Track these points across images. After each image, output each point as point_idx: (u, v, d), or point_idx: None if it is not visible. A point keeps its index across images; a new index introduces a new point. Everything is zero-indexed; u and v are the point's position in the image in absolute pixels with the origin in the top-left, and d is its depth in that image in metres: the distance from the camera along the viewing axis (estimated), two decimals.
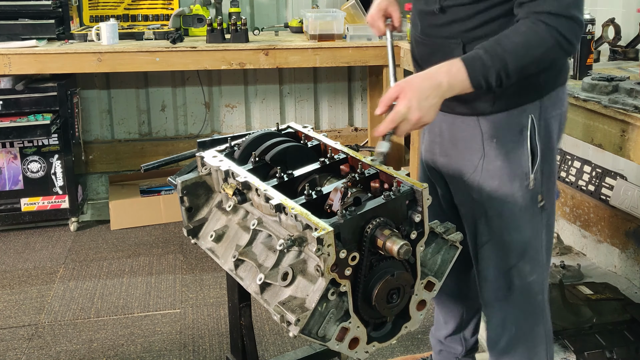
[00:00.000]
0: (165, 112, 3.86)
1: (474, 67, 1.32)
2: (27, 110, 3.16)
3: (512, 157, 1.50)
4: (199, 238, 1.55)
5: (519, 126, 1.49)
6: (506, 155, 1.51)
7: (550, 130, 1.52)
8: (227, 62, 3.12)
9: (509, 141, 1.50)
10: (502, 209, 1.54)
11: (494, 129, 1.50)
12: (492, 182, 1.53)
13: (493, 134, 1.51)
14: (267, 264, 1.32)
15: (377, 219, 1.24)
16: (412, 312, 1.35)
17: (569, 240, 3.13)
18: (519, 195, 1.52)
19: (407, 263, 1.31)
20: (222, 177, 1.50)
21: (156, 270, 3.00)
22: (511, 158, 1.51)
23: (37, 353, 2.36)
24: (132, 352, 2.36)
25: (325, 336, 1.23)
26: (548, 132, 1.52)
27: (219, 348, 2.38)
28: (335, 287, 1.21)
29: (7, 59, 2.95)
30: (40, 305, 2.69)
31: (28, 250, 3.21)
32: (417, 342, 2.39)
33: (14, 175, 3.31)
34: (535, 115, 1.49)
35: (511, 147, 1.50)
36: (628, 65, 2.41)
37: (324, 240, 1.15)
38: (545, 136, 1.51)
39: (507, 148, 1.50)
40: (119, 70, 3.12)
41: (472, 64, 1.32)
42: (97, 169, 3.78)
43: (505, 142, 1.50)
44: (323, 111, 4.06)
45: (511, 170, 1.51)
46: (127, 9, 3.57)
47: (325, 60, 3.21)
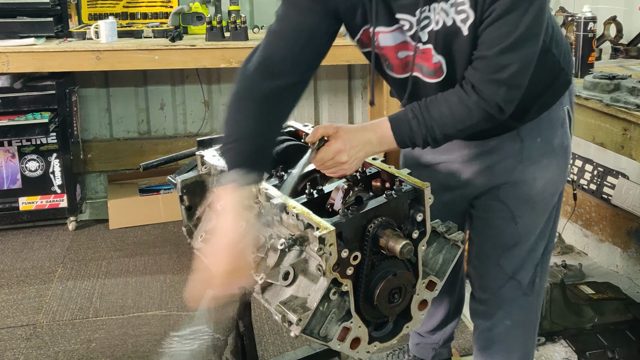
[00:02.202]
0: (165, 110, 3.85)
1: (400, 130, 1.32)
2: (25, 109, 3.14)
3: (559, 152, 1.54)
4: (193, 238, 1.54)
5: (560, 120, 1.53)
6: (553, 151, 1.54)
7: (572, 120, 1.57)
8: (226, 60, 3.10)
9: (553, 136, 1.53)
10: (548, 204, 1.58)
11: (537, 128, 1.51)
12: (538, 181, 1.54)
13: (536, 133, 1.52)
14: (268, 263, 1.30)
15: (379, 218, 1.23)
16: (413, 312, 1.34)
17: (570, 239, 3.12)
18: (561, 188, 1.59)
19: (409, 262, 1.30)
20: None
21: (155, 269, 2.98)
22: (558, 152, 1.54)
23: (36, 353, 2.34)
24: (131, 352, 2.35)
25: (326, 336, 1.23)
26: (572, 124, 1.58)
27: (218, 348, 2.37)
28: (337, 287, 1.20)
29: (5, 57, 2.94)
30: (39, 305, 2.67)
31: (26, 249, 3.19)
32: None
33: (12, 174, 3.30)
34: (569, 107, 1.55)
35: (557, 142, 1.53)
36: (630, 63, 2.40)
37: (326, 239, 1.15)
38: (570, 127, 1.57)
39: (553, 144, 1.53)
40: (117, 68, 3.10)
41: (398, 125, 1.32)
42: (96, 167, 3.77)
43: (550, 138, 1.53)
44: (323, 109, 4.05)
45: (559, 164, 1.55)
46: (125, 7, 3.55)
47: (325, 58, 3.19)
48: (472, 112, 1.29)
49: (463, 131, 1.33)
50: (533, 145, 1.52)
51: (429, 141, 1.32)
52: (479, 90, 1.28)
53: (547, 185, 1.56)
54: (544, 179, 1.55)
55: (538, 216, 1.60)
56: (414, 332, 2.05)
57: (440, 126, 1.30)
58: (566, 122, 1.54)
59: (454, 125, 1.31)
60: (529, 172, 1.54)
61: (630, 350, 2.18)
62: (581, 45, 2.14)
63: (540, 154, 1.53)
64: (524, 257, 1.63)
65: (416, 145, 1.33)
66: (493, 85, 1.27)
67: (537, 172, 1.54)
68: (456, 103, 1.30)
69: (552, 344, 2.30)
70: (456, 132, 1.32)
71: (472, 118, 1.30)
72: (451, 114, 1.30)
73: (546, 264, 1.69)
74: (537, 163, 1.53)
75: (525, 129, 1.51)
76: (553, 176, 1.56)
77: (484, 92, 1.28)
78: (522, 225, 1.59)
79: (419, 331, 2.03)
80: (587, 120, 1.95)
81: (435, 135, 1.31)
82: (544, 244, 1.65)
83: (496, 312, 1.71)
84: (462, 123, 1.30)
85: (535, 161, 1.53)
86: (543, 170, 1.54)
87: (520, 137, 1.52)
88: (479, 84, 1.28)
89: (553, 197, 1.59)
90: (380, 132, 1.33)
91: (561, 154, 1.55)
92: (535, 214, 1.59)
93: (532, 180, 1.54)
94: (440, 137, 1.32)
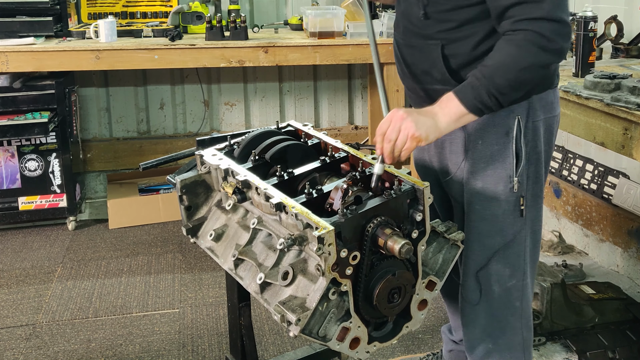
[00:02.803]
0: (164, 110, 3.85)
1: (465, 93, 1.34)
2: (24, 109, 3.14)
3: (497, 159, 1.48)
4: (199, 237, 1.54)
5: (505, 128, 1.47)
6: (491, 157, 1.49)
7: (538, 133, 1.50)
8: (226, 60, 3.10)
9: (494, 143, 1.48)
10: (485, 211, 1.52)
11: (480, 130, 1.48)
12: (475, 183, 1.51)
13: (478, 135, 1.48)
14: (267, 263, 1.30)
15: (378, 217, 1.23)
16: (413, 312, 1.34)
17: (571, 239, 3.12)
18: (502, 198, 1.50)
19: (408, 262, 1.30)
20: (221, 175, 1.48)
21: (155, 269, 2.98)
22: (496, 160, 1.48)
23: (35, 353, 2.34)
24: (131, 352, 2.34)
25: (325, 336, 1.22)
26: (535, 136, 1.49)
27: (218, 348, 2.37)
28: (336, 287, 1.20)
29: (5, 56, 2.93)
30: (38, 304, 2.67)
31: (26, 249, 3.19)
32: (418, 342, 2.37)
33: (12, 173, 3.29)
34: (523, 117, 1.46)
35: (496, 149, 1.48)
36: (630, 62, 2.39)
37: (325, 239, 1.14)
38: (532, 139, 1.48)
39: (492, 150, 1.48)
40: (117, 68, 3.10)
41: (462, 90, 1.35)
42: (96, 167, 3.77)
43: (491, 144, 1.48)
44: (323, 109, 4.05)
45: (495, 172, 1.49)
46: (125, 6, 3.55)
47: (325, 57, 3.19)
48: (524, 49, 1.30)
49: (526, 70, 1.32)
50: (475, 146, 1.49)
51: (495, 94, 1.32)
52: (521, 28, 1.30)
53: (484, 190, 1.50)
54: (481, 184, 1.50)
55: (478, 221, 1.53)
56: (448, 339, 2.01)
57: (500, 74, 1.31)
58: (513, 132, 1.46)
59: (513, 65, 1.31)
60: (469, 172, 1.51)
61: (630, 350, 2.17)
62: (582, 45, 2.14)
63: (479, 157, 1.49)
64: (465, 260, 1.58)
65: (485, 103, 1.33)
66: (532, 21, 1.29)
67: (476, 174, 1.50)
68: (505, 46, 1.32)
69: (552, 344, 2.29)
70: (518, 73, 1.32)
71: (528, 54, 1.30)
72: (507, 57, 1.31)
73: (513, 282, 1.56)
74: (476, 165, 1.50)
75: (470, 125, 1.47)
76: (490, 185, 1.49)
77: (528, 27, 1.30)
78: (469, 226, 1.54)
79: (453, 338, 1.99)
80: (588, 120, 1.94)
81: (499, 86, 1.31)
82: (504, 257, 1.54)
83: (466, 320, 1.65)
84: (521, 61, 1.31)
85: (475, 163, 1.50)
86: (480, 174, 1.50)
87: (466, 132, 1.49)
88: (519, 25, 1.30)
89: (492, 206, 1.51)
90: (443, 103, 1.35)
91: (500, 163, 1.48)
92: (475, 217, 1.53)
93: (472, 181, 1.51)
94: (504, 86, 1.32)
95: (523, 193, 1.50)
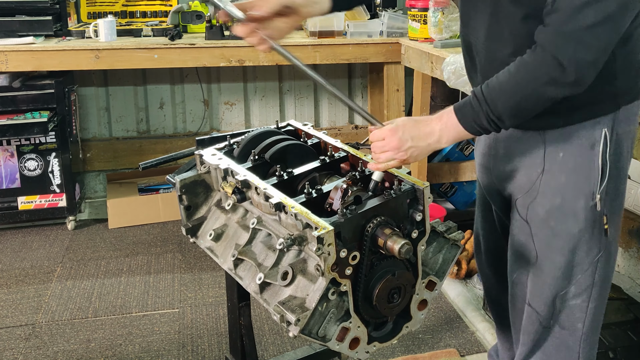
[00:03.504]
0: (164, 109, 3.84)
1: (464, 113, 1.26)
2: (24, 108, 3.13)
3: (580, 173, 1.35)
4: (198, 237, 1.54)
5: (591, 140, 1.34)
6: (573, 170, 1.36)
7: (622, 147, 1.37)
8: (226, 59, 3.10)
9: (577, 156, 1.35)
10: (561, 228, 1.39)
11: (562, 141, 1.35)
12: (554, 199, 1.38)
13: (560, 146, 1.36)
14: (267, 263, 1.30)
15: (378, 217, 1.23)
16: (413, 312, 1.33)
17: None
18: (581, 216, 1.37)
19: (408, 262, 1.30)
20: (221, 175, 1.48)
21: (154, 269, 2.98)
22: (579, 174, 1.36)
23: (34, 353, 2.33)
24: (130, 352, 2.34)
25: (325, 336, 1.22)
26: (619, 149, 1.37)
27: (217, 348, 2.36)
28: (336, 287, 1.19)
29: (4, 56, 2.93)
30: (38, 304, 2.67)
31: (25, 249, 3.18)
32: (419, 342, 2.37)
33: (11, 173, 3.29)
34: (609, 129, 1.33)
35: (580, 162, 1.35)
36: None
37: (325, 239, 1.14)
38: (615, 153, 1.36)
39: (574, 163, 1.36)
40: (116, 67, 3.10)
41: (462, 109, 1.26)
42: (95, 167, 3.76)
43: (574, 157, 1.35)
44: (323, 109, 4.04)
45: (577, 187, 1.36)
46: (125, 6, 3.55)
47: (325, 57, 3.19)
48: (532, 73, 1.16)
49: (529, 101, 1.20)
50: (555, 158, 1.37)
51: (495, 120, 1.23)
52: (543, 46, 1.15)
53: (563, 206, 1.38)
54: (560, 199, 1.38)
55: (557, 239, 1.40)
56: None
57: (500, 97, 1.20)
58: (599, 145, 1.33)
59: (514, 91, 1.19)
60: (547, 186, 1.38)
61: (631, 350, 2.17)
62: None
63: (560, 171, 1.37)
64: (541, 283, 1.45)
65: (484, 127, 1.25)
66: (559, 38, 1.13)
67: (555, 189, 1.38)
68: (517, 66, 1.19)
69: None
70: (520, 100, 1.19)
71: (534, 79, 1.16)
72: (511, 79, 1.19)
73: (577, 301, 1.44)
74: (556, 179, 1.37)
75: (550, 135, 1.36)
76: (570, 200, 1.37)
77: (548, 46, 1.14)
78: (538, 244, 1.43)
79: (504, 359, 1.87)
80: None
81: (500, 113, 1.21)
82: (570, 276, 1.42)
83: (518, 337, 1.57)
84: (524, 88, 1.18)
85: (555, 176, 1.37)
86: (561, 189, 1.37)
87: (544, 142, 1.37)
88: (545, 40, 1.15)
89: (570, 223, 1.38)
90: (444, 120, 1.28)
91: (583, 177, 1.35)
92: (553, 236, 1.40)
93: (550, 196, 1.39)
94: (503, 111, 1.21)
95: (606, 211, 1.38)
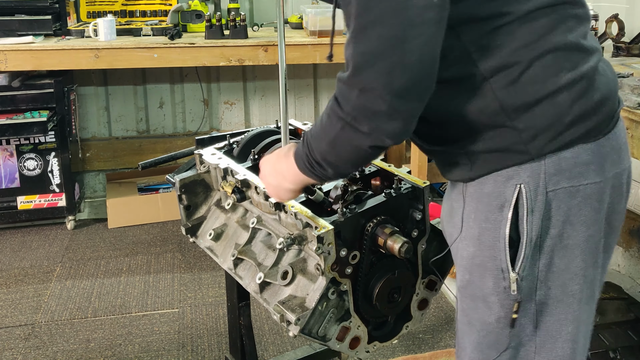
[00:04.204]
0: (164, 109, 3.84)
1: (299, 153, 1.06)
2: (23, 107, 3.13)
3: (484, 243, 1.05)
4: (198, 236, 1.53)
5: (500, 199, 1.01)
6: (477, 238, 1.05)
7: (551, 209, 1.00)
8: (225, 59, 3.09)
9: (483, 220, 1.04)
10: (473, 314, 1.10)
11: (476, 199, 1.05)
12: (463, 273, 1.10)
13: (474, 206, 1.06)
14: (267, 262, 1.29)
15: (377, 217, 1.22)
16: (413, 311, 1.33)
17: None
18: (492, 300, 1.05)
19: (408, 262, 1.29)
20: (220, 174, 1.47)
21: (154, 269, 2.97)
22: (483, 244, 1.05)
23: (34, 353, 2.33)
24: (130, 352, 2.34)
25: (325, 336, 1.22)
26: (549, 212, 1.00)
27: (217, 348, 2.36)
28: (336, 286, 1.19)
29: (4, 55, 2.92)
30: (37, 304, 2.66)
31: (24, 248, 3.18)
32: (419, 342, 2.37)
33: (10, 173, 3.29)
34: (528, 185, 0.99)
35: (484, 228, 1.04)
36: (632, 61, 2.38)
37: (325, 238, 1.13)
38: (545, 218, 1.01)
39: (479, 229, 1.05)
40: (116, 66, 3.09)
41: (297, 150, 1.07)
42: (95, 166, 3.76)
43: (479, 221, 1.05)
44: (323, 108, 4.02)
45: (483, 261, 1.05)
46: (124, 5, 3.54)
47: (325, 56, 3.18)
48: (330, 122, 0.96)
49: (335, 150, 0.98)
50: (468, 221, 1.07)
51: (314, 166, 1.03)
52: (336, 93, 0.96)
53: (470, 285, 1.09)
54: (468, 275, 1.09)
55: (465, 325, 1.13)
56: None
57: (315, 143, 1.01)
58: (509, 207, 1.00)
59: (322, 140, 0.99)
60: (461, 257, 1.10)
61: (632, 350, 2.16)
62: None
63: (470, 237, 1.07)
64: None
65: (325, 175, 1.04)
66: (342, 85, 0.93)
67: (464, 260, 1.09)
68: (324, 112, 0.99)
69: None
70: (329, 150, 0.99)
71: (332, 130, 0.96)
72: (319, 125, 0.99)
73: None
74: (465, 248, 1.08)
75: (468, 192, 1.06)
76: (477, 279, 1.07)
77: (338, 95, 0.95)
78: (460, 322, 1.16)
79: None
80: None
81: (315, 158, 1.02)
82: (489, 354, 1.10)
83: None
84: (327, 136, 0.98)
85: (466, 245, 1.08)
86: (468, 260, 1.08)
87: (463, 198, 1.07)
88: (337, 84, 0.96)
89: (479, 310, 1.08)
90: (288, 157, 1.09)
91: (487, 248, 1.04)
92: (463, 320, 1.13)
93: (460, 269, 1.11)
94: (320, 160, 1.01)
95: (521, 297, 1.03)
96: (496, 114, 0.98)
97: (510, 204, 1.00)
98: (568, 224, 1.02)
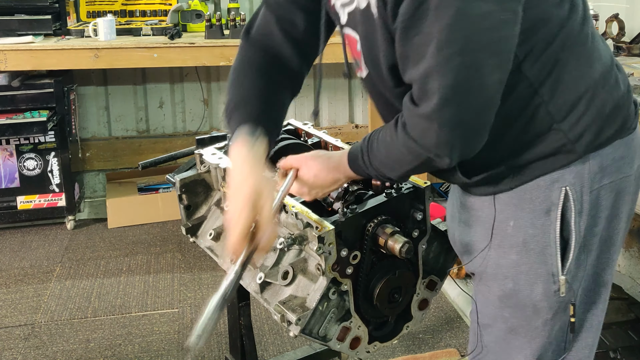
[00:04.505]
0: (163, 109, 3.83)
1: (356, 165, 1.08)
2: (23, 107, 3.13)
3: (532, 249, 1.03)
4: (198, 236, 1.53)
5: (546, 204, 1.01)
6: (523, 245, 1.03)
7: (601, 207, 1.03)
8: (226, 58, 3.09)
9: (528, 226, 1.03)
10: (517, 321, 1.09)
11: (513, 207, 1.04)
12: (504, 282, 1.07)
13: (510, 212, 1.04)
14: (267, 262, 1.29)
15: (378, 217, 1.22)
16: (413, 312, 1.33)
17: None
18: (542, 306, 1.05)
19: (409, 262, 1.29)
20: (221, 174, 1.47)
21: (154, 269, 2.97)
22: (531, 250, 1.03)
23: (34, 353, 2.33)
24: (130, 352, 2.33)
25: (326, 336, 1.21)
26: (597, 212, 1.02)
27: (217, 348, 2.36)
28: (336, 286, 1.19)
29: (3, 55, 2.92)
30: (37, 304, 2.66)
31: (24, 248, 3.18)
32: (419, 342, 2.36)
33: (10, 172, 3.28)
34: (574, 186, 1.00)
35: (531, 234, 1.02)
36: (632, 61, 2.38)
37: (325, 238, 1.13)
38: (591, 216, 1.02)
39: (524, 235, 1.03)
40: (116, 66, 3.09)
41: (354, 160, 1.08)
42: (94, 166, 3.75)
43: (524, 227, 1.03)
44: (323, 108, 4.04)
45: (531, 268, 1.04)
46: (124, 5, 3.54)
47: (325, 56, 3.17)
48: (405, 157, 0.97)
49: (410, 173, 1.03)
50: (505, 229, 1.05)
51: (385, 179, 1.09)
52: (407, 128, 0.94)
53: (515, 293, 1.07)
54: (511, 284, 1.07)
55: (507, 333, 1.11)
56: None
57: (384, 167, 1.03)
58: (557, 210, 1.00)
59: (395, 168, 1.01)
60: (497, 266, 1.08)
61: (632, 350, 2.16)
62: None
63: (509, 246, 1.05)
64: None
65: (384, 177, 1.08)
66: (420, 121, 0.91)
67: (504, 268, 1.07)
68: (389, 143, 0.99)
69: None
70: (404, 174, 1.03)
71: (409, 163, 0.98)
72: (387, 156, 1.01)
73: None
74: (505, 256, 1.06)
75: (501, 201, 1.04)
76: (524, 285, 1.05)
77: (412, 131, 0.93)
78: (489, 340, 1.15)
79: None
80: None
81: (387, 175, 1.05)
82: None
83: None
84: (401, 167, 1.00)
85: (504, 252, 1.06)
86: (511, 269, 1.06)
87: (496, 207, 1.05)
88: (408, 119, 0.94)
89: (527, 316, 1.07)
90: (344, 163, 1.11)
91: (535, 254, 1.03)
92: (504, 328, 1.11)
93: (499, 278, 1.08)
94: (393, 177, 1.05)
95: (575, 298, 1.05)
96: (543, 118, 0.98)
97: (558, 208, 1.00)
98: (611, 219, 1.05)
